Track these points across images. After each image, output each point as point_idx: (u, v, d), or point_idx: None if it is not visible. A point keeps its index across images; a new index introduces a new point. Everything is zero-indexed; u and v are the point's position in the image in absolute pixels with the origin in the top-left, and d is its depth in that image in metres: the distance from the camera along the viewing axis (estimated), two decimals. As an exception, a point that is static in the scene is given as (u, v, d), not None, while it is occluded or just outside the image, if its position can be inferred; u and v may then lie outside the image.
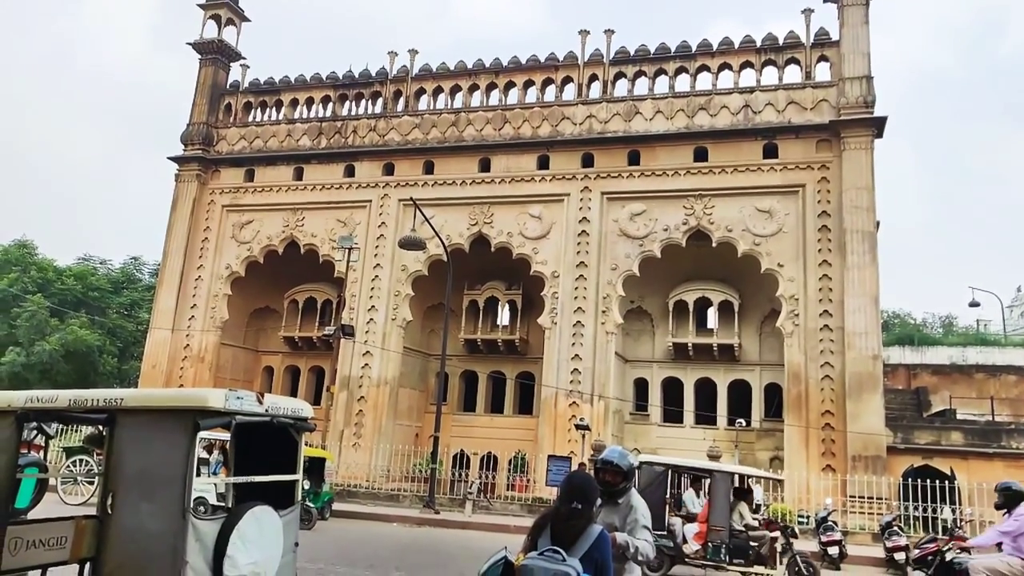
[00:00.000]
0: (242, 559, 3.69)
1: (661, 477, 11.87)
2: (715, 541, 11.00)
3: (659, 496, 11.74)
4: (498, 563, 4.03)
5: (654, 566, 11.33)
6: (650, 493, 11.58)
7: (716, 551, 10.97)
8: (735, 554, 10.88)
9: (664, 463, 12.39)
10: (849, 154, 21.67)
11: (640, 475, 11.82)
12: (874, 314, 20.79)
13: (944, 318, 49.25)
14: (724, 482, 11.57)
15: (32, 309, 35.21)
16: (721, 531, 11.01)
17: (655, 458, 13.01)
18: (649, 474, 11.82)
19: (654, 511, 11.51)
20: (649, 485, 11.73)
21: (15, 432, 3.71)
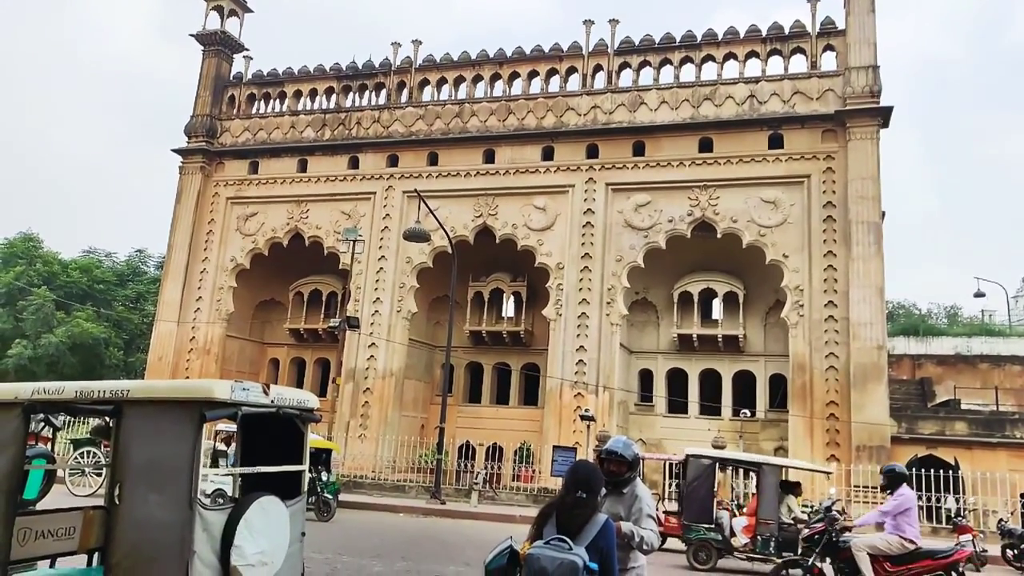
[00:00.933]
0: (249, 549, 3.71)
1: (708, 470, 11.79)
2: (764, 534, 10.96)
3: (706, 489, 11.68)
4: (504, 552, 4.04)
5: (702, 558, 11.27)
6: (697, 486, 11.64)
7: (765, 544, 10.93)
8: (784, 547, 10.81)
9: (711, 456, 12.28)
10: (855, 144, 21.54)
11: (687, 468, 11.83)
12: (879, 305, 20.73)
13: (949, 308, 49.09)
14: (773, 475, 11.47)
15: (38, 302, 35.40)
16: (770, 524, 10.98)
17: (702, 451, 12.92)
18: (696, 467, 11.76)
19: (702, 504, 11.46)
20: (696, 478, 11.69)
21: (22, 424, 3.73)
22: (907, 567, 7.11)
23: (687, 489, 11.91)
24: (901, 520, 7.24)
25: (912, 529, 7.24)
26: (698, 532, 11.44)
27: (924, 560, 7.11)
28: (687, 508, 11.77)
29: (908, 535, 7.19)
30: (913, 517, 7.29)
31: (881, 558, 7.18)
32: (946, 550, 7.44)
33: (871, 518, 7.83)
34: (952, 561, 7.18)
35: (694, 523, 11.48)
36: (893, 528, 7.26)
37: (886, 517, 7.36)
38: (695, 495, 11.70)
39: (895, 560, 7.16)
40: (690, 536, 11.50)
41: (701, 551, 11.39)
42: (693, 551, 11.43)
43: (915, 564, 7.10)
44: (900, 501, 7.29)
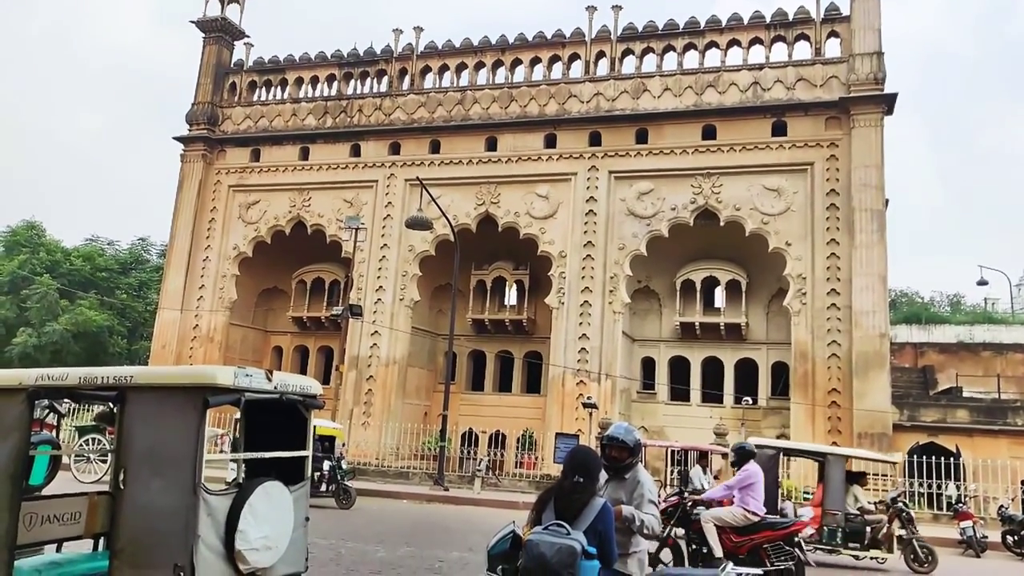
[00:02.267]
0: (253, 533, 3.74)
1: (772, 460, 11.47)
2: (830, 525, 10.82)
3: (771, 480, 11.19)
4: (506, 537, 4.08)
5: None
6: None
7: (832, 535, 10.80)
8: (850, 538, 10.74)
9: (775, 446, 12.03)
10: (858, 132, 21.42)
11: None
12: (882, 293, 20.70)
13: (952, 296, 48.95)
14: (839, 465, 11.26)
15: (42, 290, 35.48)
16: (836, 515, 10.85)
17: (767, 441, 12.71)
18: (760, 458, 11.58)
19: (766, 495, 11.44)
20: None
21: (26, 410, 3.75)
22: (750, 537, 7.55)
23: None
24: (745, 494, 7.73)
25: (755, 502, 7.71)
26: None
27: (765, 531, 7.57)
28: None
29: (751, 508, 7.67)
30: (757, 491, 7.75)
31: (727, 529, 7.66)
32: (785, 522, 7.98)
33: (717, 492, 8.39)
34: (790, 532, 7.67)
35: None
36: (739, 501, 7.75)
37: (732, 491, 7.90)
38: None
39: (740, 531, 7.61)
40: None
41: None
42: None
43: (757, 535, 7.55)
44: (744, 476, 7.81)
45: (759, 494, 7.80)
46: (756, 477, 7.85)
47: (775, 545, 7.56)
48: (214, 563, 3.58)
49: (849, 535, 10.81)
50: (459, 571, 8.39)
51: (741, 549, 7.61)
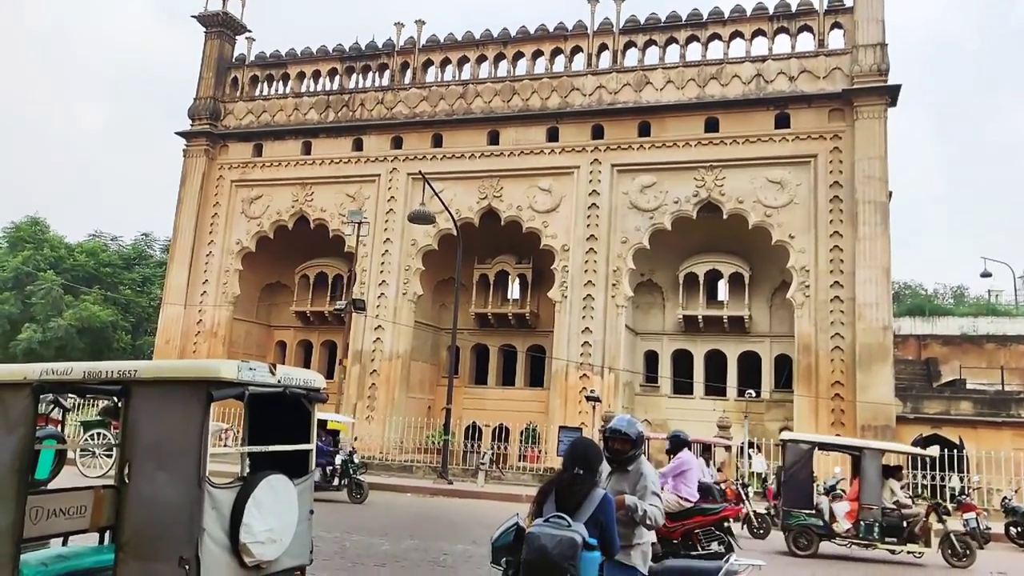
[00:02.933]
0: (258, 526, 3.75)
1: (807, 455, 11.53)
2: (867, 519, 10.83)
3: (806, 475, 11.45)
4: (510, 529, 4.09)
5: (802, 544, 10.97)
6: (796, 471, 11.39)
7: (869, 529, 10.81)
8: (888, 532, 10.74)
9: (810, 441, 11.99)
10: (862, 123, 21.33)
11: (785, 453, 11.58)
12: (885, 285, 20.66)
13: (956, 289, 48.83)
14: (875, 459, 11.25)
15: (46, 286, 35.57)
16: (874, 509, 10.86)
17: (801, 436, 12.58)
18: (795, 452, 11.50)
19: (802, 490, 11.22)
20: (795, 463, 11.42)
21: (32, 404, 3.76)
22: (683, 523, 7.83)
23: (785, 474, 11.61)
24: (678, 481, 8.06)
25: (688, 489, 8.03)
26: (798, 518, 11.18)
27: (697, 516, 7.89)
28: (786, 494, 11.46)
29: (684, 494, 7.99)
30: (689, 478, 8.07)
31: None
32: (716, 508, 8.31)
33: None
34: (720, 517, 8.03)
35: (793, 509, 11.22)
36: (672, 488, 8.02)
37: (666, 478, 8.07)
38: (794, 480, 11.41)
39: (673, 516, 7.80)
40: (790, 522, 11.24)
41: (801, 537, 11.15)
42: (793, 537, 11.17)
43: (690, 520, 7.85)
44: (677, 464, 8.14)
45: (692, 481, 8.10)
46: (690, 465, 8.15)
47: (706, 530, 7.86)
48: (219, 556, 3.59)
49: (886, 529, 10.77)
50: (463, 564, 8.42)
51: (674, 534, 7.85)
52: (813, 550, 11.05)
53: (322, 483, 14.10)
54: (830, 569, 10.09)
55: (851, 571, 10.10)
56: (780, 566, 9.95)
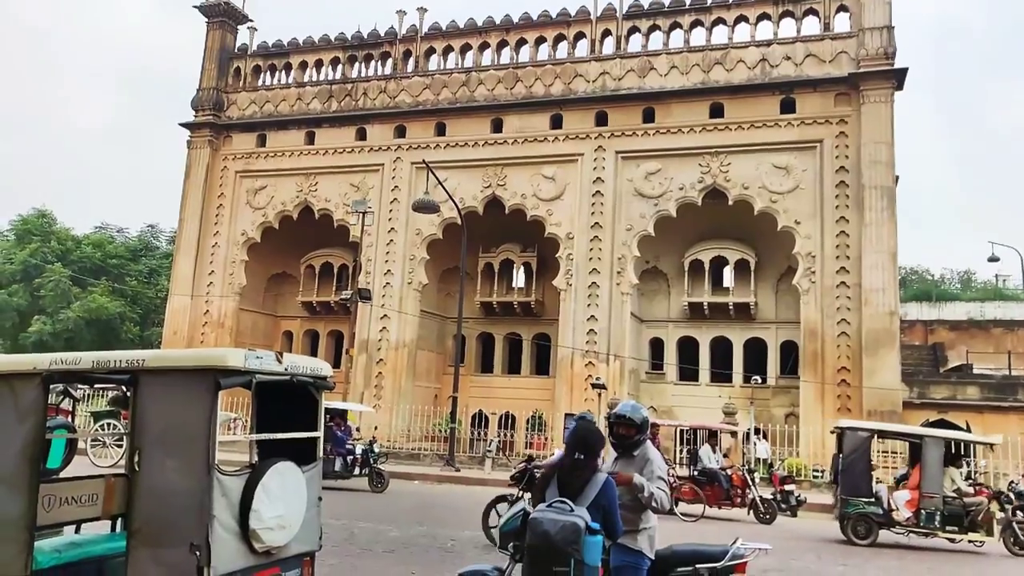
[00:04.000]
0: (267, 512, 3.80)
1: (866, 443, 11.36)
2: (928, 508, 10.74)
3: (864, 463, 11.30)
4: (517, 515, 4.13)
5: (861, 532, 10.92)
6: (855, 460, 11.22)
7: (930, 518, 10.72)
8: (949, 521, 10.67)
9: (869, 428, 11.78)
10: (868, 107, 21.15)
11: (843, 441, 11.38)
12: (892, 270, 20.57)
13: (963, 273, 48.60)
14: (936, 448, 11.13)
15: (55, 278, 35.78)
16: (935, 498, 10.78)
17: (859, 423, 12.34)
18: (853, 440, 11.33)
19: (860, 478, 11.05)
20: (853, 451, 11.26)
21: (42, 393, 3.80)
22: None
23: (843, 463, 11.37)
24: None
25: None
26: (857, 506, 11.09)
27: None
28: (844, 482, 11.28)
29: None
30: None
31: None
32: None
33: (557, 459, 8.61)
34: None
35: (852, 497, 11.10)
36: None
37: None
38: (853, 469, 11.25)
39: None
40: (848, 511, 11.12)
41: (860, 525, 11.06)
42: (851, 525, 11.08)
43: None
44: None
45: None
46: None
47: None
48: (229, 542, 3.64)
49: (948, 518, 10.69)
50: (471, 550, 8.49)
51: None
52: (872, 538, 10.91)
53: (342, 472, 14.25)
54: (890, 558, 9.98)
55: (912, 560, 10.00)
56: (838, 555, 9.85)
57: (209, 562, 3.48)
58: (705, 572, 4.28)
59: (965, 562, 10.25)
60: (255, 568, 3.82)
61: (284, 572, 4.06)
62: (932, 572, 9.08)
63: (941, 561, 10.15)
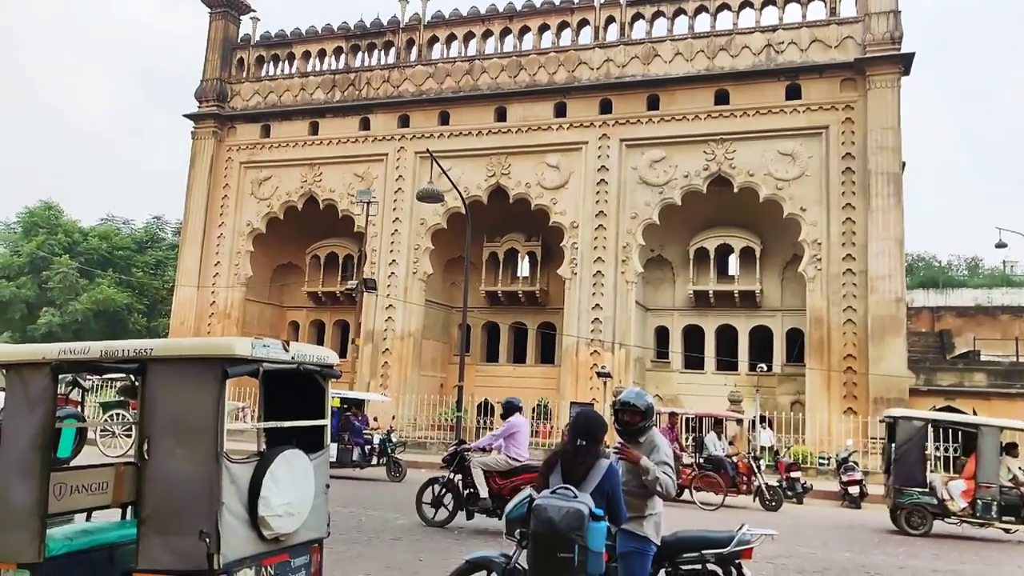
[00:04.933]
0: (276, 500, 3.83)
1: (920, 432, 11.18)
2: (985, 498, 10.66)
3: (918, 453, 11.14)
4: (523, 502, 4.15)
5: (915, 523, 10.83)
6: (908, 449, 11.07)
7: (986, 508, 10.65)
8: (1005, 511, 10.59)
9: (923, 417, 11.60)
10: (875, 93, 20.98)
11: (896, 430, 11.24)
12: (898, 257, 20.48)
13: (970, 260, 48.33)
14: (993, 437, 11.03)
15: (62, 270, 35.98)
16: (991, 488, 10.71)
17: (914, 412, 12.19)
18: (907, 429, 11.16)
19: (914, 468, 10.86)
20: (907, 441, 11.10)
21: (51, 383, 3.84)
22: (510, 480, 8.67)
23: (896, 452, 11.22)
24: (509, 442, 8.89)
25: (517, 450, 8.85)
26: (911, 496, 10.98)
27: (523, 474, 8.59)
28: (897, 472, 11.14)
29: (512, 454, 8.84)
30: (519, 440, 8.87)
31: (494, 473, 8.79)
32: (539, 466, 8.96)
33: (486, 441, 9.46)
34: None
35: (905, 487, 10.99)
36: (504, 449, 8.91)
37: (497, 440, 9.05)
38: (906, 458, 11.10)
39: (503, 474, 8.75)
40: (902, 501, 11.01)
41: (914, 515, 10.95)
42: (905, 516, 10.97)
43: (518, 477, 8.62)
44: (508, 427, 8.95)
45: (520, 443, 8.90)
46: (518, 427, 8.93)
47: (532, 486, 8.16)
48: (238, 529, 3.67)
49: (1005, 508, 10.61)
50: (476, 537, 8.55)
51: (504, 490, 8.62)
52: (926, 529, 10.80)
53: (360, 461, 14.37)
54: (896, 545, 9.95)
55: (969, 550, 9.92)
56: (894, 545, 9.78)
57: (219, 548, 3.52)
58: (711, 558, 4.30)
59: (1021, 552, 10.12)
60: (264, 555, 3.86)
61: (293, 559, 4.10)
62: (938, 559, 9.10)
63: (997, 551, 10.03)
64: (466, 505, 8.91)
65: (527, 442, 9.04)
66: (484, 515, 8.77)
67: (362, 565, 6.83)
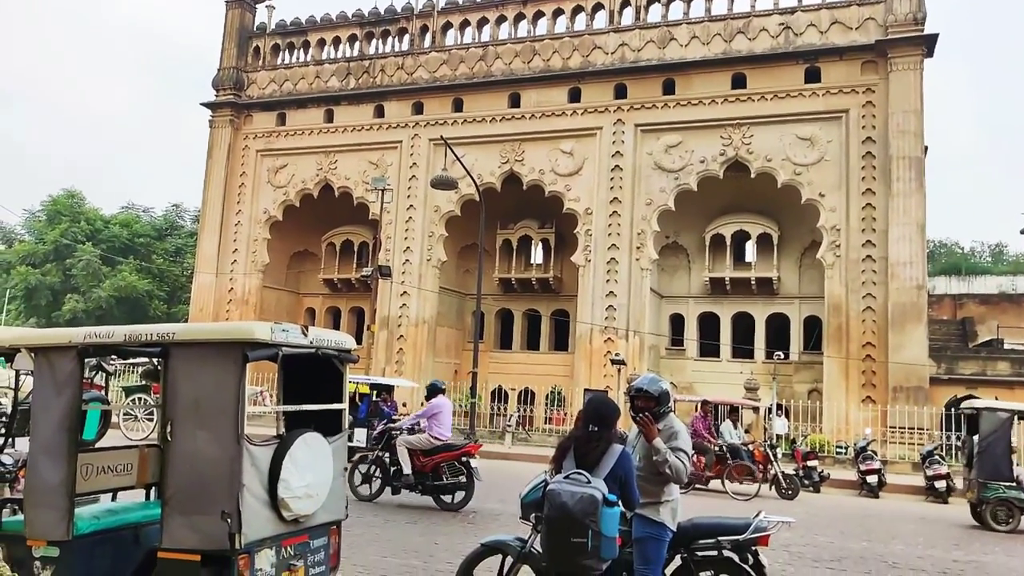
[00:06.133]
0: (295, 482, 3.89)
1: (1006, 424, 10.78)
2: None
3: (1004, 445, 10.79)
4: (538, 486, 4.19)
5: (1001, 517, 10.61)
6: (994, 442, 10.78)
7: None
8: None
9: (1009, 409, 11.21)
10: (896, 76, 20.61)
11: (980, 422, 10.97)
12: (920, 243, 20.20)
13: (994, 246, 47.56)
14: None
15: (86, 258, 36.57)
16: None
17: (999, 404, 11.85)
18: (991, 421, 10.81)
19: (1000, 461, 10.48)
20: (991, 433, 10.79)
21: (78, 366, 3.91)
22: (432, 458, 9.25)
23: (981, 444, 10.87)
24: (432, 422, 9.44)
25: (439, 429, 9.39)
26: (996, 490, 10.62)
27: (443, 452, 9.28)
28: (981, 465, 10.79)
29: (434, 433, 9.38)
30: (441, 420, 9.40)
31: (417, 451, 9.30)
32: (458, 444, 9.74)
33: (408, 421, 10.10)
34: (461, 453, 9.31)
35: (991, 481, 10.62)
36: (427, 429, 9.48)
37: (420, 419, 9.67)
38: (991, 451, 10.73)
39: (426, 452, 9.29)
40: (987, 495, 10.65)
41: (1000, 510, 10.61)
42: (991, 510, 10.64)
43: (437, 456, 9.25)
44: (430, 407, 9.53)
45: (442, 422, 9.43)
46: (440, 408, 9.46)
47: (450, 464, 9.26)
48: (259, 510, 3.74)
49: None
50: (492, 521, 8.62)
51: (427, 467, 9.23)
52: (1014, 524, 10.46)
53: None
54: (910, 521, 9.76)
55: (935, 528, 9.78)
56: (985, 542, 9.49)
57: (240, 529, 3.58)
58: (727, 544, 4.30)
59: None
60: (284, 536, 3.92)
61: (312, 540, 4.16)
62: (958, 548, 9.03)
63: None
64: (392, 481, 9.43)
65: (449, 422, 9.63)
66: (408, 490, 9.34)
67: (378, 548, 6.93)
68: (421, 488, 9.15)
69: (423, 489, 9.19)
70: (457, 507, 9.15)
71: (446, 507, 9.17)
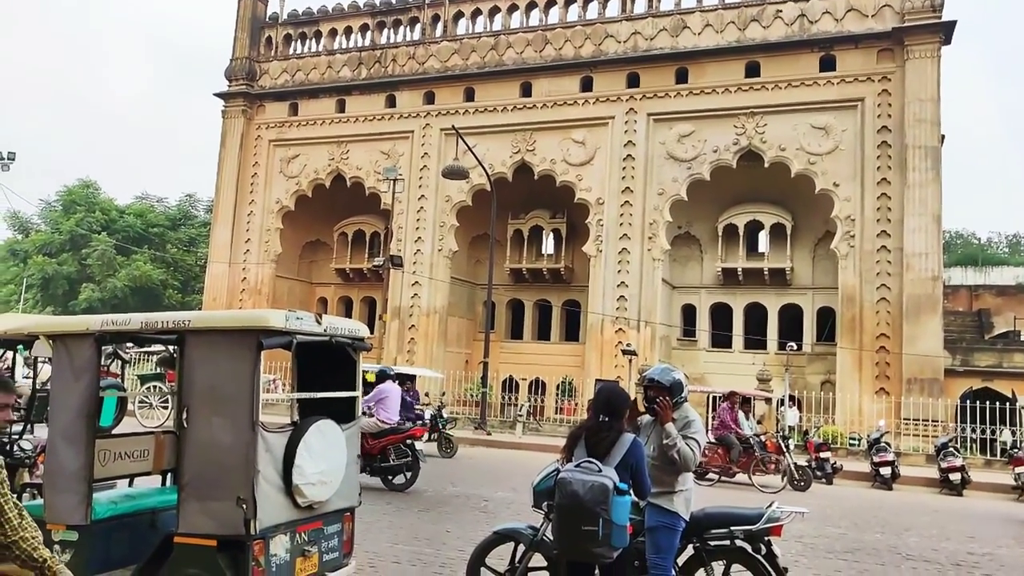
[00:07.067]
0: (309, 468, 3.92)
1: None
2: None
3: None
4: (551, 475, 4.19)
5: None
6: None
7: None
8: None
9: None
10: (913, 64, 20.31)
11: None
12: (935, 234, 19.97)
13: (1011, 237, 46.94)
14: None
15: (101, 247, 36.93)
16: None
17: None
18: None
19: None
20: None
21: (95, 353, 3.96)
22: (379, 441, 9.66)
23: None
24: (379, 407, 9.79)
25: (385, 413, 9.78)
26: None
27: (390, 435, 9.73)
28: None
29: (382, 417, 9.75)
30: (388, 405, 9.81)
31: (366, 435, 9.38)
32: (404, 428, 10.14)
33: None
34: (407, 436, 9.84)
35: None
36: (375, 412, 9.75)
37: (368, 404, 9.77)
38: None
39: (374, 436, 9.60)
40: None
41: None
42: None
43: (384, 439, 9.69)
44: (377, 392, 9.87)
45: (390, 407, 9.84)
46: (388, 393, 9.90)
47: (396, 446, 9.75)
48: (274, 496, 3.77)
49: None
50: (504, 509, 8.66)
51: (375, 450, 9.57)
52: None
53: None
54: (923, 510, 9.69)
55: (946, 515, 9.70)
56: (1000, 535, 9.36)
57: (255, 515, 3.62)
58: (740, 534, 4.29)
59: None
60: (299, 522, 3.96)
61: (326, 526, 4.20)
62: (973, 541, 8.97)
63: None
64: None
65: (397, 407, 10.04)
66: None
67: (390, 535, 6.98)
68: (369, 469, 9.46)
69: (371, 471, 9.55)
70: (402, 488, 9.56)
71: (393, 488, 9.59)
